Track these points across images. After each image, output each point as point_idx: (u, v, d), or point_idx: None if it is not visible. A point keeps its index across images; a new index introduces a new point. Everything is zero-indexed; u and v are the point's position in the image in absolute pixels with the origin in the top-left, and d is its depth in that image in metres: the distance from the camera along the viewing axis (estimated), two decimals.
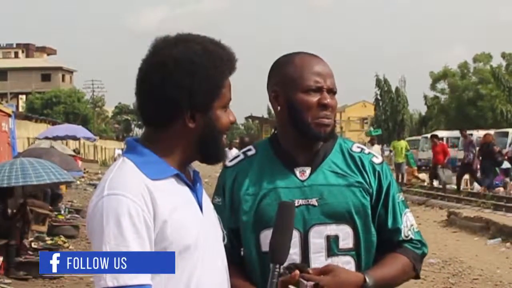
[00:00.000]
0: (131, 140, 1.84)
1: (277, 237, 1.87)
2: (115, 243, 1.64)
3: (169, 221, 1.70)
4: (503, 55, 53.94)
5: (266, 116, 61.12)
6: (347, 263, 2.13)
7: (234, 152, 14.73)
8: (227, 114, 1.84)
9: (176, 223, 1.72)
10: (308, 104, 2.13)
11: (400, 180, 23.44)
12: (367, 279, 2.05)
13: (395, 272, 2.15)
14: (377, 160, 2.24)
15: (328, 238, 2.13)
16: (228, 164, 2.27)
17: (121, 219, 1.65)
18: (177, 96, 1.75)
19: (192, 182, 1.85)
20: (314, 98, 2.13)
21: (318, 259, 2.11)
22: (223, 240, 2.19)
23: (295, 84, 2.15)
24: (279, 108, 2.19)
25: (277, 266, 1.84)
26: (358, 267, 2.15)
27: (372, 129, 45.43)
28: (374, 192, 2.18)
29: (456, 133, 41.44)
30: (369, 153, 2.25)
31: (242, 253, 2.21)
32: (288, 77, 2.17)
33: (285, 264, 2.09)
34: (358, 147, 2.26)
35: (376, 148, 24.42)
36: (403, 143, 25.16)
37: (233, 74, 1.85)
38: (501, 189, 19.68)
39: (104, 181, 1.73)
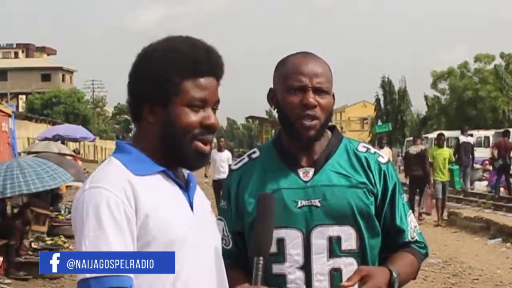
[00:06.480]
0: (120, 142, 1.86)
1: (258, 229, 1.86)
2: (94, 234, 1.63)
3: (151, 216, 1.68)
4: (502, 55, 53.83)
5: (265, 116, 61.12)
6: (350, 264, 2.11)
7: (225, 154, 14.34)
8: (193, 114, 1.76)
9: (159, 218, 1.69)
10: (290, 104, 2.11)
11: (439, 213, 15.09)
12: (394, 273, 2.01)
13: (407, 269, 2.12)
14: (383, 160, 2.22)
15: (330, 239, 2.11)
16: (233, 167, 2.27)
17: (100, 211, 1.64)
18: (137, 86, 1.78)
19: (186, 182, 1.83)
20: (297, 98, 2.11)
21: (320, 260, 2.10)
22: (228, 245, 2.17)
23: (282, 85, 2.14)
24: (273, 107, 2.20)
25: (261, 258, 1.82)
26: None
27: (379, 123, 33.66)
28: (379, 193, 2.16)
29: (456, 133, 41.55)
30: (375, 152, 2.23)
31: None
32: (278, 78, 2.17)
33: (287, 265, 2.08)
34: (364, 146, 2.24)
35: (386, 152, 15.20)
36: (446, 152, 15.33)
37: (220, 79, 1.81)
38: (502, 189, 19.65)
39: (89, 178, 1.75)
